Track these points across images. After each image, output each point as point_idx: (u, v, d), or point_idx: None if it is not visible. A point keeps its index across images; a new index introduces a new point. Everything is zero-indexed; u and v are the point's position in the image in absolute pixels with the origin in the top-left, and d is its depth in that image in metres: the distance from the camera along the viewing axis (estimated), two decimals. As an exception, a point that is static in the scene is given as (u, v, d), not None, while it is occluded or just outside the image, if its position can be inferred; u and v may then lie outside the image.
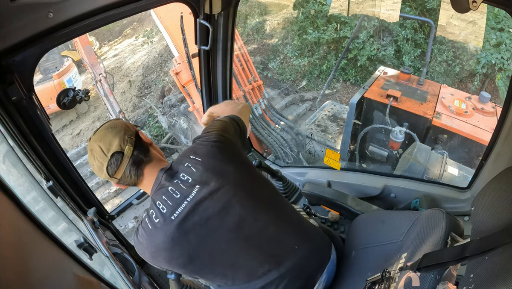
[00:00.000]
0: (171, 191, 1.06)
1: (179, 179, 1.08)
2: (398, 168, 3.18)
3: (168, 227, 1.03)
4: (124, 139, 1.08)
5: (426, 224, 1.04)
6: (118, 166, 1.07)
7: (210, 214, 1.05)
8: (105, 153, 1.06)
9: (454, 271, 0.81)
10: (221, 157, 1.13)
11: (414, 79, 4.32)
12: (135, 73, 9.22)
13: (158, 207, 1.05)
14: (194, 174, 1.08)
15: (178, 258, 1.05)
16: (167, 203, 1.05)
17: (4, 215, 0.52)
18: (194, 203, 1.04)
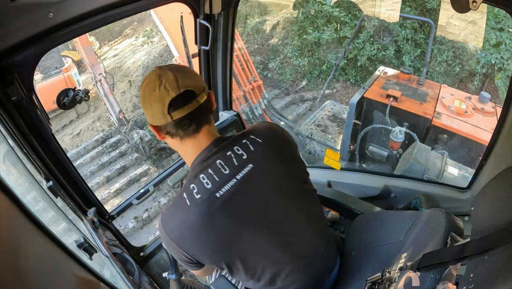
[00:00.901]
0: (219, 164, 0.95)
1: (233, 151, 0.97)
2: (398, 168, 3.18)
3: (210, 205, 0.92)
4: (201, 86, 0.96)
5: (426, 224, 1.04)
6: (183, 106, 0.91)
7: (255, 199, 0.96)
8: (178, 85, 0.90)
9: (454, 270, 0.81)
10: (282, 148, 1.06)
11: (414, 79, 4.32)
12: (135, 73, 9.22)
13: (202, 181, 0.93)
14: (251, 152, 0.98)
15: (213, 242, 0.95)
16: (213, 178, 0.94)
17: (4, 215, 0.52)
18: (243, 182, 0.95)
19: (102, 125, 8.24)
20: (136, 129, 7.17)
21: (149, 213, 5.71)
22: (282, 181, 1.02)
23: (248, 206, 0.96)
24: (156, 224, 5.70)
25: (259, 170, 0.98)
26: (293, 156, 1.09)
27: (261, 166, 0.98)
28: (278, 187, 1.01)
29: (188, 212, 0.94)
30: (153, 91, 0.91)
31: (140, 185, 6.44)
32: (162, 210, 1.03)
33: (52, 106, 5.03)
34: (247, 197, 0.96)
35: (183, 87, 0.91)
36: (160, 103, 0.90)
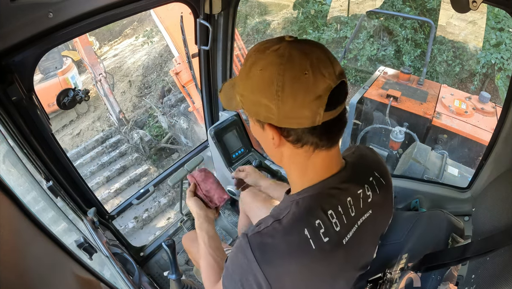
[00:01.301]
0: (349, 203, 0.71)
1: (363, 190, 0.74)
2: (398, 168, 3.18)
3: (336, 252, 0.69)
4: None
5: (427, 225, 1.04)
6: (340, 103, 0.63)
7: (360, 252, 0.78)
8: (334, 69, 0.61)
9: (455, 271, 0.81)
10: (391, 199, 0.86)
11: (414, 79, 4.32)
12: (135, 73, 9.22)
13: (331, 220, 0.68)
14: (376, 195, 0.77)
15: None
16: (342, 219, 0.70)
17: (4, 215, 0.52)
18: (358, 231, 0.73)
19: (102, 125, 8.24)
20: (136, 129, 7.17)
21: (149, 213, 5.71)
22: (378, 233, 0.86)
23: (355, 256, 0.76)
24: (156, 224, 5.69)
25: (373, 219, 0.77)
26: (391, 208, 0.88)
27: (376, 214, 0.78)
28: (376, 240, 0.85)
29: (312, 258, 0.67)
30: (303, 74, 0.59)
31: (140, 185, 6.44)
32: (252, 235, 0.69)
33: (48, 109, 4.97)
34: (358, 249, 0.76)
35: (339, 74, 0.62)
36: (314, 95, 0.59)
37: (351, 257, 0.73)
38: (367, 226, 0.75)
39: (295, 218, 0.68)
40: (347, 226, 0.71)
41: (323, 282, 0.71)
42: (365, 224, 0.74)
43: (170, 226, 2.32)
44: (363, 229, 0.74)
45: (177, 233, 2.27)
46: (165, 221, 5.71)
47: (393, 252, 1.15)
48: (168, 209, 5.90)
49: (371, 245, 0.83)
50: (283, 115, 0.62)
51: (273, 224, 0.68)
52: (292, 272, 0.67)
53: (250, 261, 0.67)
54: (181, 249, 2.17)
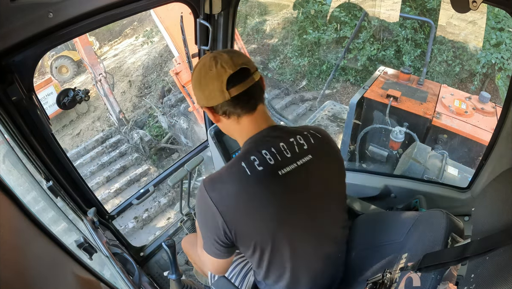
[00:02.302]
0: (282, 147, 0.95)
1: (295, 139, 0.98)
2: (398, 168, 3.18)
3: (273, 179, 0.91)
4: (254, 66, 0.98)
5: (427, 225, 1.04)
6: (240, 82, 0.92)
7: (309, 189, 0.98)
8: (234, 62, 0.92)
9: (454, 271, 0.81)
10: (335, 151, 1.07)
11: (414, 79, 4.32)
12: (135, 73, 9.22)
13: (264, 156, 0.92)
14: (311, 144, 0.99)
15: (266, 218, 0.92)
16: (275, 156, 0.93)
17: (4, 215, 0.52)
18: (302, 169, 0.95)
19: (102, 125, 8.24)
20: (136, 129, 7.17)
21: (149, 213, 5.71)
22: (332, 180, 1.05)
23: (302, 193, 0.96)
24: (156, 224, 5.70)
25: (318, 163, 0.99)
26: (341, 162, 1.10)
27: (320, 160, 0.99)
28: (329, 185, 1.03)
29: (247, 182, 0.90)
30: (210, 70, 0.92)
31: (140, 185, 6.44)
32: (206, 177, 0.96)
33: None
34: (303, 184, 0.96)
35: (238, 65, 0.92)
36: (218, 81, 0.91)
37: (289, 188, 0.94)
38: (310, 168, 0.97)
39: (235, 159, 0.95)
40: (283, 162, 0.93)
41: (262, 206, 0.91)
42: (306, 166, 0.96)
43: (170, 226, 2.32)
44: (304, 169, 0.96)
45: (177, 233, 2.27)
46: (165, 221, 5.72)
47: (393, 252, 1.15)
48: (168, 209, 5.90)
49: (322, 190, 1.01)
50: (206, 99, 0.96)
51: (220, 169, 0.96)
52: (231, 193, 0.91)
53: (205, 197, 0.92)
54: (181, 249, 2.17)
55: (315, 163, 0.98)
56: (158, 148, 7.13)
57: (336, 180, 1.07)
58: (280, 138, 0.97)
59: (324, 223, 1.05)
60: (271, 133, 0.99)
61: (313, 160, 0.98)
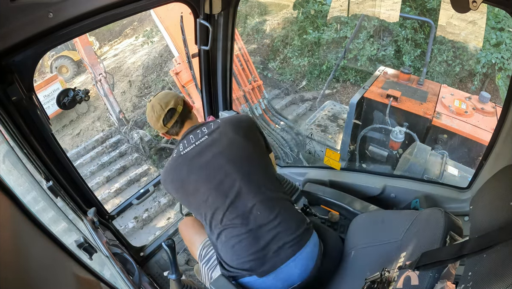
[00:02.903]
0: (190, 138, 1.45)
1: (200, 130, 1.46)
2: (398, 168, 3.18)
3: (177, 157, 1.43)
4: (177, 101, 1.49)
5: (425, 223, 1.05)
6: (170, 118, 1.47)
7: (202, 156, 1.40)
8: (163, 108, 1.45)
9: (452, 269, 0.81)
10: (238, 127, 1.46)
11: (414, 79, 4.32)
12: (135, 73, 9.22)
13: (179, 146, 1.45)
14: (210, 128, 1.46)
15: (176, 181, 1.42)
16: (184, 145, 1.44)
17: (4, 215, 0.52)
18: (197, 146, 1.42)
19: (102, 125, 8.24)
20: (136, 129, 7.17)
21: (149, 213, 5.71)
22: (227, 150, 1.40)
23: (196, 160, 1.40)
24: (156, 224, 5.72)
25: (210, 140, 1.43)
26: (246, 138, 1.45)
27: (213, 137, 1.43)
28: (221, 154, 1.39)
29: (168, 163, 1.47)
30: (152, 117, 1.48)
31: (140, 185, 6.44)
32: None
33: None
34: (197, 155, 1.41)
35: (166, 108, 1.46)
36: (158, 123, 1.49)
37: (190, 160, 1.40)
38: (205, 145, 1.42)
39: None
40: (187, 146, 1.44)
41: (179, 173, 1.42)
42: (202, 144, 1.42)
43: (170, 226, 2.32)
44: (201, 147, 1.42)
45: (177, 233, 2.27)
46: (165, 221, 5.71)
47: (391, 251, 1.15)
48: (168, 209, 5.90)
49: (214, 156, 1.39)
50: (159, 130, 1.54)
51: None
52: (164, 170, 1.48)
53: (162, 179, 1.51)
54: (181, 249, 2.17)
55: (209, 139, 1.43)
56: (158, 148, 7.14)
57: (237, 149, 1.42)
58: (191, 133, 1.46)
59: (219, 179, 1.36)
60: (188, 131, 1.48)
61: (207, 138, 1.43)
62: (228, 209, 1.33)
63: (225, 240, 1.33)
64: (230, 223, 1.33)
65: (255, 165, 1.43)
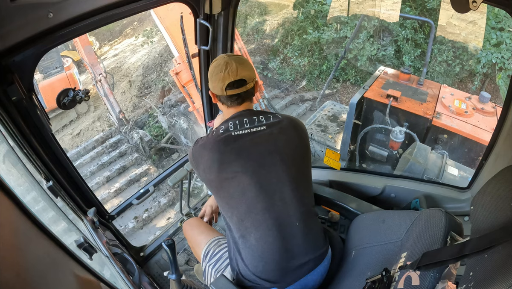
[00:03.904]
0: (244, 121, 1.32)
1: (258, 117, 1.34)
2: (398, 168, 3.18)
3: (229, 137, 1.28)
4: (253, 76, 1.35)
5: (426, 223, 1.04)
6: (236, 88, 1.31)
7: (253, 147, 1.28)
8: (237, 73, 1.29)
9: (453, 269, 0.81)
10: (294, 132, 1.35)
11: (414, 79, 4.32)
12: (135, 73, 9.22)
13: (228, 125, 1.31)
14: (269, 120, 1.34)
15: (217, 160, 1.27)
16: (235, 125, 1.31)
17: (4, 215, 0.52)
18: (251, 133, 1.30)
19: (102, 125, 8.24)
20: (136, 129, 7.17)
21: (149, 213, 5.71)
22: (283, 149, 1.30)
23: (246, 147, 1.28)
24: (156, 223, 5.71)
25: (269, 132, 1.31)
26: (302, 144, 1.37)
27: (272, 130, 1.31)
28: (277, 152, 1.29)
29: (210, 138, 1.32)
30: (219, 73, 1.30)
31: (140, 185, 6.44)
32: (197, 139, 1.40)
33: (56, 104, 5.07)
34: (249, 142, 1.28)
35: (239, 76, 1.29)
36: (221, 82, 1.30)
37: (239, 143, 1.27)
38: (260, 135, 1.30)
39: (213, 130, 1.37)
40: (238, 129, 1.30)
41: (222, 154, 1.27)
42: (257, 132, 1.30)
43: (170, 226, 2.32)
44: (255, 135, 1.29)
45: (177, 233, 2.27)
46: (165, 221, 5.71)
47: (392, 251, 1.15)
48: (168, 209, 5.90)
49: (269, 151, 1.28)
50: (212, 88, 1.36)
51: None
52: (204, 143, 1.33)
53: (190, 155, 1.40)
54: (181, 249, 2.17)
55: (266, 131, 1.31)
56: (158, 148, 7.13)
57: (289, 152, 1.31)
58: (246, 116, 1.33)
59: (267, 177, 1.27)
60: (243, 113, 1.35)
61: (265, 130, 1.31)
62: (268, 211, 1.24)
63: (255, 243, 1.25)
64: (265, 227, 1.24)
65: (305, 173, 1.36)
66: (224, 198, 1.31)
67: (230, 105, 1.36)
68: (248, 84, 1.32)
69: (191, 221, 1.71)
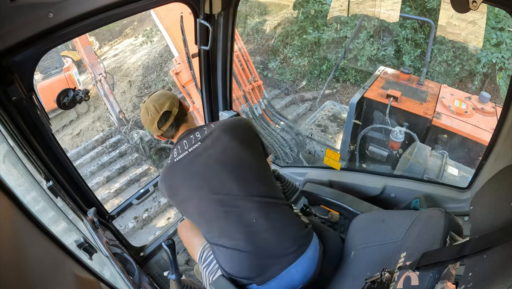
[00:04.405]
0: (183, 143, 1.42)
1: (194, 135, 1.43)
2: (398, 168, 3.18)
3: (172, 164, 1.41)
4: (173, 103, 1.43)
5: (425, 224, 1.04)
6: (165, 121, 1.42)
7: (194, 165, 1.37)
8: (158, 111, 1.40)
9: (453, 270, 0.81)
10: (233, 132, 1.42)
11: (414, 79, 4.32)
12: (135, 73, 9.21)
13: (173, 153, 1.42)
14: (204, 134, 1.42)
15: (170, 188, 1.41)
16: (178, 151, 1.41)
17: (4, 215, 0.52)
18: (189, 154, 1.39)
19: (102, 125, 8.24)
20: (136, 129, 7.16)
21: (149, 213, 5.71)
22: (220, 157, 1.37)
23: (188, 168, 1.38)
24: (156, 223, 5.72)
25: (203, 147, 1.39)
26: (240, 142, 1.41)
27: (205, 144, 1.40)
28: (215, 162, 1.36)
29: (164, 169, 1.45)
30: (146, 119, 1.44)
31: (140, 185, 6.44)
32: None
33: (54, 105, 5.07)
34: (189, 163, 1.38)
35: (161, 111, 1.41)
36: (152, 125, 1.44)
37: (182, 169, 1.38)
38: (198, 152, 1.38)
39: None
40: (180, 153, 1.40)
41: (172, 179, 1.41)
42: (195, 151, 1.39)
43: (170, 226, 2.32)
44: (194, 154, 1.38)
45: (177, 233, 2.27)
46: (165, 221, 5.71)
47: (391, 251, 1.15)
48: (168, 209, 5.89)
49: (207, 164, 1.36)
50: (152, 132, 1.49)
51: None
52: (164, 174, 1.44)
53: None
54: (181, 249, 2.17)
55: (201, 147, 1.39)
56: (158, 148, 7.13)
57: (231, 155, 1.38)
58: (185, 138, 1.43)
59: (213, 188, 1.33)
60: (182, 136, 1.45)
61: (200, 145, 1.39)
62: (224, 218, 1.30)
63: (224, 250, 1.31)
64: (227, 233, 1.30)
65: (252, 171, 1.39)
66: (188, 216, 1.48)
67: (173, 134, 1.48)
68: (173, 111, 1.43)
69: (185, 223, 1.72)
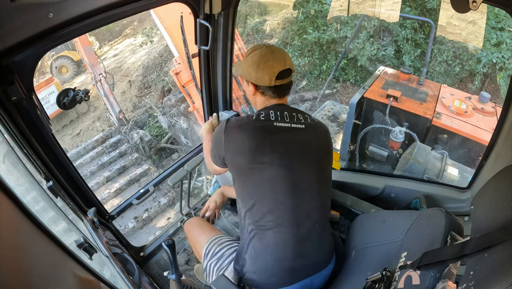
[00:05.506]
0: (285, 115, 1.29)
1: (297, 114, 1.31)
2: (398, 168, 3.18)
3: (266, 124, 1.26)
4: (293, 68, 1.33)
5: (426, 223, 1.04)
6: (285, 78, 1.29)
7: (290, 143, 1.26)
8: (285, 62, 1.27)
9: (454, 269, 0.81)
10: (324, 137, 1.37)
11: (414, 79, 4.32)
12: (135, 73, 9.22)
13: (269, 113, 1.28)
14: (307, 121, 1.32)
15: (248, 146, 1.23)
16: (277, 116, 1.27)
17: (4, 215, 0.52)
18: (291, 130, 1.27)
19: (102, 125, 8.24)
20: (136, 129, 7.17)
21: (149, 213, 5.71)
22: (317, 153, 1.31)
23: (285, 140, 1.26)
24: (156, 223, 5.71)
25: (306, 133, 1.30)
26: (329, 152, 1.39)
27: (309, 132, 1.31)
28: (311, 154, 1.30)
29: (249, 120, 1.28)
30: (268, 61, 1.26)
31: (140, 185, 6.44)
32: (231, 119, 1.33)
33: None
34: (288, 136, 1.27)
35: (287, 65, 1.28)
36: (271, 71, 1.26)
37: (278, 136, 1.25)
38: (299, 133, 1.28)
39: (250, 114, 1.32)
40: (279, 120, 1.27)
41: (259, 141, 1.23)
42: (297, 129, 1.28)
43: (170, 226, 2.32)
44: (294, 131, 1.28)
45: (177, 233, 2.27)
46: (165, 221, 5.72)
47: (392, 251, 1.15)
48: (168, 209, 5.90)
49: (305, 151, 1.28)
50: (256, 78, 1.30)
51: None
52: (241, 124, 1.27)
53: (222, 131, 1.29)
54: (181, 249, 2.17)
55: (303, 131, 1.30)
56: (158, 148, 7.13)
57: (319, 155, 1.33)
58: (287, 111, 1.30)
59: (300, 176, 1.25)
60: (282, 107, 1.31)
61: (303, 129, 1.30)
62: (293, 210, 1.22)
63: (271, 239, 1.23)
64: (287, 224, 1.22)
65: (328, 179, 1.38)
66: (248, 186, 1.27)
67: (274, 97, 1.32)
68: (292, 75, 1.32)
69: (193, 221, 1.73)
